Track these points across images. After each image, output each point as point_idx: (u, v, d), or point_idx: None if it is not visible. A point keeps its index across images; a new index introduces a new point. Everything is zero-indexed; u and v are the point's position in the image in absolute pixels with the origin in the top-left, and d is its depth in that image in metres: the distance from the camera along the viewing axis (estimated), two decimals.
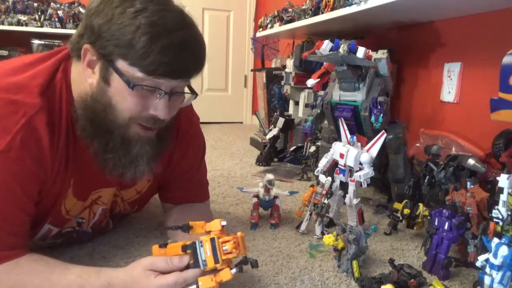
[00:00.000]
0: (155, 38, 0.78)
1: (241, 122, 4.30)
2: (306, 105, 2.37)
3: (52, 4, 3.36)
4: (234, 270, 0.79)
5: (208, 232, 0.82)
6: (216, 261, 0.78)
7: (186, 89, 0.93)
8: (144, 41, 0.77)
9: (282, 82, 2.64)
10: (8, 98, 0.81)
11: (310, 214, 1.28)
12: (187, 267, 0.80)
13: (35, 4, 3.32)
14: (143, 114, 0.86)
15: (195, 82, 0.90)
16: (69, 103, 0.88)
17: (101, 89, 0.84)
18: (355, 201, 1.24)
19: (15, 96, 0.82)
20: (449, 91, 1.68)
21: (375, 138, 1.24)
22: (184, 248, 0.82)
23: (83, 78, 0.86)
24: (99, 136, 0.88)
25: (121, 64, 0.80)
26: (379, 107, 1.37)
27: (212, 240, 0.79)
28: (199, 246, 0.80)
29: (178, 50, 0.80)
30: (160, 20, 0.79)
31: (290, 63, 2.51)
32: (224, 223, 0.81)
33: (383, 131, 1.26)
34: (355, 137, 1.27)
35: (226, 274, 0.78)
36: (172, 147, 1.08)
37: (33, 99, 0.83)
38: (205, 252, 0.79)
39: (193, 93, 0.94)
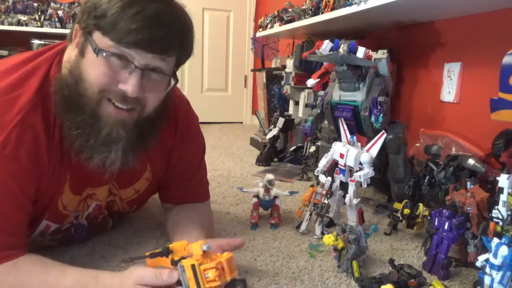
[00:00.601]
0: (127, 6, 0.77)
1: (241, 122, 4.30)
2: (306, 105, 2.37)
3: (52, 4, 3.37)
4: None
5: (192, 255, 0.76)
6: None
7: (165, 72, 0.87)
8: (116, 8, 0.77)
9: (282, 82, 2.63)
10: (4, 96, 0.81)
11: (310, 214, 1.28)
12: (178, 282, 0.75)
13: (35, 4, 3.33)
14: (112, 87, 0.82)
15: (195, 82, 0.88)
16: None
17: (76, 62, 0.84)
18: (355, 201, 1.24)
19: (10, 93, 0.82)
20: (449, 91, 1.68)
21: (375, 138, 1.24)
22: (173, 263, 0.77)
23: (71, 57, 0.86)
24: (70, 111, 0.84)
25: (96, 35, 0.80)
26: (379, 107, 1.37)
27: (193, 266, 0.72)
28: (181, 270, 0.74)
29: (148, 20, 0.78)
30: None
31: (290, 63, 2.51)
32: (205, 247, 0.73)
33: (383, 131, 1.26)
34: (355, 137, 1.28)
35: None
36: (171, 146, 1.08)
37: (28, 96, 0.83)
38: (188, 278, 0.73)
39: (173, 77, 0.89)
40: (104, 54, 0.80)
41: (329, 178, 1.26)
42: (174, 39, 0.83)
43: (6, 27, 3.18)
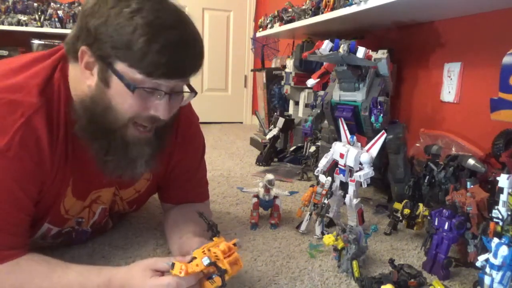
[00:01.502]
0: (153, 39, 0.77)
1: (241, 122, 4.30)
2: (306, 105, 2.37)
3: (52, 4, 3.36)
4: (206, 260, 0.76)
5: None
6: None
7: (185, 88, 0.92)
8: (142, 42, 0.76)
9: (282, 82, 2.64)
10: (7, 98, 0.81)
11: (310, 214, 1.28)
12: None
13: (35, 4, 3.32)
14: (143, 114, 0.85)
15: (195, 82, 0.89)
16: (67, 102, 0.88)
17: (100, 91, 0.83)
18: (355, 201, 1.24)
19: (14, 96, 0.82)
20: (449, 91, 1.68)
21: (375, 138, 1.24)
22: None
23: (81, 79, 0.85)
24: (99, 138, 0.87)
25: (120, 66, 0.80)
26: (379, 107, 1.37)
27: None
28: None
29: (176, 50, 0.80)
30: (157, 19, 0.78)
31: (290, 63, 2.51)
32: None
33: (383, 131, 1.26)
34: (355, 137, 1.27)
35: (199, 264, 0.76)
36: (172, 147, 1.08)
37: (32, 99, 0.83)
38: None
39: (192, 91, 0.94)
40: (138, 89, 0.81)
41: (329, 178, 1.26)
42: (198, 62, 0.87)
43: (6, 27, 3.18)
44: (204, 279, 0.80)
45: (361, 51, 1.33)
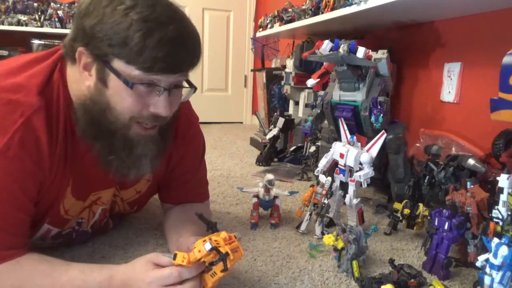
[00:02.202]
0: (149, 34, 0.77)
1: (241, 122, 4.30)
2: (306, 105, 2.37)
3: (52, 4, 3.36)
4: (208, 245, 0.77)
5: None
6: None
7: (185, 84, 0.92)
8: (138, 37, 0.76)
9: (282, 82, 2.63)
10: (6, 98, 0.81)
11: (310, 214, 1.28)
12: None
13: (35, 4, 3.32)
14: (143, 112, 0.85)
15: (195, 82, 0.89)
16: (67, 103, 0.88)
17: (99, 91, 0.83)
18: (355, 201, 1.24)
19: (13, 96, 0.82)
20: (449, 91, 1.68)
21: (375, 138, 1.24)
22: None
23: (80, 81, 0.85)
24: (101, 138, 0.87)
25: (117, 63, 0.80)
26: (379, 107, 1.37)
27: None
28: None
29: (173, 44, 0.79)
30: (151, 14, 0.78)
31: (290, 63, 2.51)
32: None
33: (383, 131, 1.26)
34: (355, 137, 1.27)
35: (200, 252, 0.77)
36: (172, 147, 1.08)
37: (31, 99, 0.83)
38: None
39: (192, 87, 0.93)
40: (136, 85, 0.81)
41: (329, 178, 1.26)
42: (195, 56, 0.86)
43: (6, 27, 3.18)
44: (204, 273, 0.80)
45: (361, 51, 1.33)
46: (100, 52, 0.80)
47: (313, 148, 1.96)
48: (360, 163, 1.21)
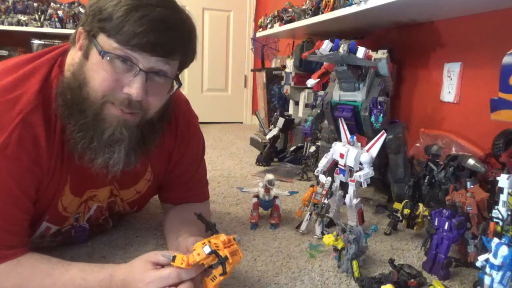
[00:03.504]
0: (133, 9, 0.77)
1: (241, 122, 4.30)
2: (306, 105, 2.36)
3: (52, 4, 3.36)
4: (207, 248, 0.77)
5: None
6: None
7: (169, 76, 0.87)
8: (122, 11, 0.77)
9: (282, 82, 2.63)
10: (4, 96, 0.81)
11: (310, 214, 1.28)
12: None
13: (35, 4, 3.32)
14: (116, 92, 0.81)
15: (195, 82, 0.88)
16: None
17: (80, 65, 0.83)
18: (355, 201, 1.24)
19: (11, 93, 0.82)
20: (449, 91, 1.68)
21: (375, 138, 1.24)
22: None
23: (75, 60, 0.85)
24: (73, 115, 0.84)
25: (101, 37, 0.80)
26: (379, 107, 1.37)
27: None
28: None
29: (154, 23, 0.78)
30: None
31: (290, 63, 2.51)
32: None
33: (383, 131, 1.26)
34: (355, 137, 1.28)
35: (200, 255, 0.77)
36: (171, 147, 1.08)
37: (29, 97, 0.83)
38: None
39: (177, 81, 0.90)
40: (108, 57, 0.79)
41: (329, 178, 1.26)
42: (178, 43, 0.84)
43: (6, 27, 3.18)
44: (205, 277, 0.80)
45: (361, 51, 1.33)
46: (90, 27, 0.82)
47: (313, 148, 1.96)
48: (360, 163, 1.21)
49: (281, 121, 2.28)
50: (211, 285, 0.79)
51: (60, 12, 3.31)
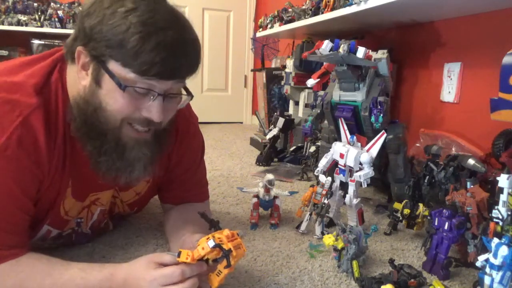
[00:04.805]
0: (147, 37, 0.76)
1: (241, 122, 4.30)
2: (306, 105, 2.37)
3: (52, 4, 3.36)
4: (211, 242, 0.78)
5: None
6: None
7: (183, 91, 0.91)
8: (135, 40, 0.76)
9: (282, 82, 2.64)
10: (5, 97, 0.81)
11: (310, 214, 1.28)
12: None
13: (35, 4, 3.32)
14: (135, 115, 0.84)
15: (195, 82, 0.89)
16: (65, 103, 0.88)
17: (92, 91, 0.83)
18: (355, 201, 1.24)
19: (12, 95, 0.82)
20: (449, 91, 1.68)
21: (375, 138, 1.24)
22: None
23: (78, 80, 0.85)
24: (93, 138, 0.86)
25: (113, 65, 0.79)
26: (379, 107, 1.37)
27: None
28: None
29: (170, 49, 0.78)
30: (151, 19, 0.78)
31: (290, 63, 2.51)
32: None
33: (383, 131, 1.26)
34: (355, 137, 1.28)
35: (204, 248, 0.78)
36: (171, 147, 1.08)
37: (30, 98, 0.83)
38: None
39: (189, 94, 0.92)
40: (129, 88, 0.80)
41: (329, 178, 1.26)
42: (194, 63, 0.85)
43: (6, 27, 3.17)
44: (210, 273, 0.80)
45: (361, 51, 1.33)
46: (97, 52, 0.80)
47: (313, 148, 1.96)
48: (360, 163, 1.21)
49: (281, 121, 2.28)
50: (216, 280, 0.80)
51: (60, 12, 3.31)
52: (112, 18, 0.77)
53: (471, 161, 1.22)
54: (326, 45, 1.38)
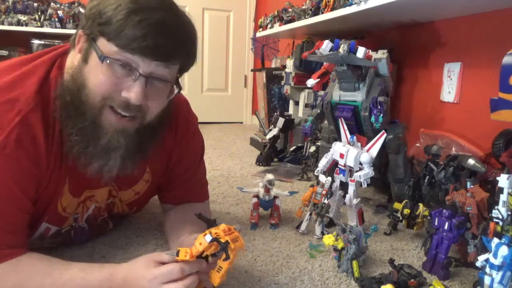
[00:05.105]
0: (132, 13, 0.77)
1: (241, 122, 4.30)
2: (306, 105, 2.37)
3: (52, 4, 3.36)
4: (208, 237, 0.78)
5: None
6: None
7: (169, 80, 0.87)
8: (121, 15, 0.77)
9: (282, 82, 2.64)
10: (3, 96, 0.81)
11: (310, 214, 1.28)
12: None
13: (35, 4, 3.32)
14: (115, 95, 0.81)
15: (195, 82, 0.88)
16: None
17: (80, 68, 0.83)
18: (355, 201, 1.24)
19: (10, 94, 0.82)
20: (449, 91, 1.68)
21: (375, 138, 1.24)
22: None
23: (74, 63, 0.85)
24: (71, 118, 0.84)
25: (101, 41, 0.80)
26: (379, 107, 1.37)
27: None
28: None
29: (154, 27, 0.78)
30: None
31: (290, 63, 2.51)
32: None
33: (383, 131, 1.26)
34: (355, 137, 1.28)
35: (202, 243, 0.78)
36: (171, 147, 1.08)
37: (28, 97, 0.83)
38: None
39: (178, 86, 0.89)
40: (108, 61, 0.79)
41: (329, 178, 1.26)
42: (179, 47, 0.83)
43: (6, 27, 3.18)
44: (211, 270, 0.80)
45: (361, 51, 1.33)
46: (90, 31, 0.81)
47: (313, 148, 1.96)
48: (360, 163, 1.21)
49: (281, 121, 2.28)
50: (217, 277, 0.79)
51: (60, 12, 3.31)
52: (108, 0, 0.79)
53: (471, 161, 1.22)
54: (326, 45, 1.38)
